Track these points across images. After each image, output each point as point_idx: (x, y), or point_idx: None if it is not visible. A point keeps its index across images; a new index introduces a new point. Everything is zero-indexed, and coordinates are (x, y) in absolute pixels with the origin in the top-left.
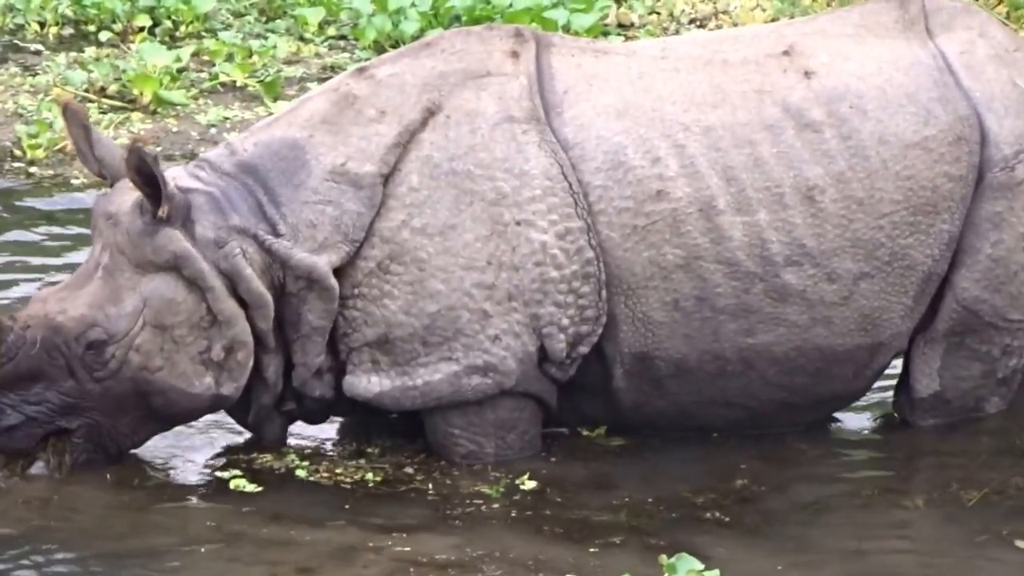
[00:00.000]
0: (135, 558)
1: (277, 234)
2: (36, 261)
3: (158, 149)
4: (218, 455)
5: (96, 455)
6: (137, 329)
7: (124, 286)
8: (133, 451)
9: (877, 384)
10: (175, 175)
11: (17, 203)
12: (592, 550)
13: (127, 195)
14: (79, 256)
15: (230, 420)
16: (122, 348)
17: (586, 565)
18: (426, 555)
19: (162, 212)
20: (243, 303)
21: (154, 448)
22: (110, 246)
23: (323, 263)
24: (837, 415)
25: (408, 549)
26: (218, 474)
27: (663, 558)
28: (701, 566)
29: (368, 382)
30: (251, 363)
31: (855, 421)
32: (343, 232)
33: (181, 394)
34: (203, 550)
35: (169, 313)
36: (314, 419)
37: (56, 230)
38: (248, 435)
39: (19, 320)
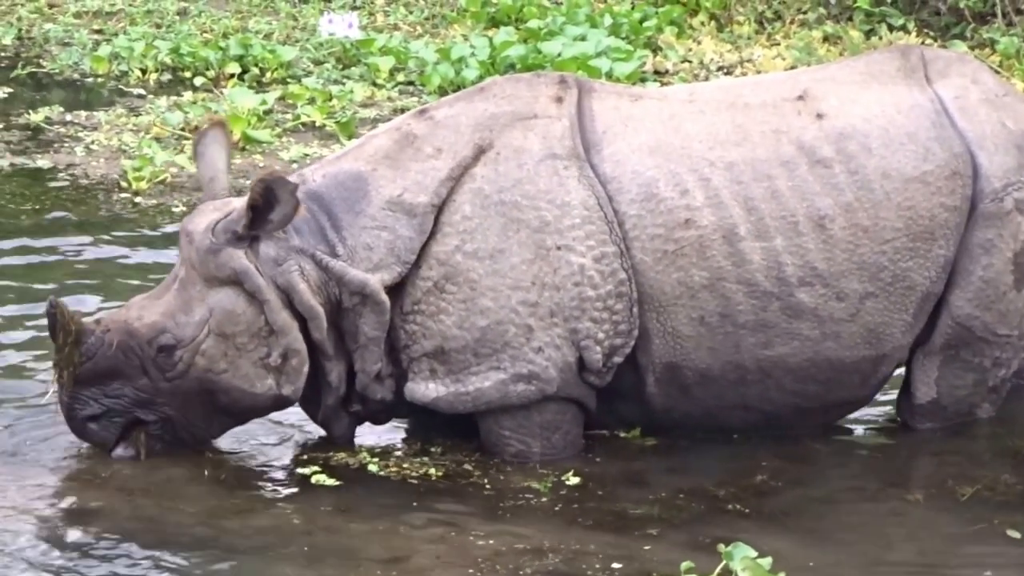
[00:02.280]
0: (229, 546)
1: (335, 255)
2: (138, 279)
3: (247, 183)
4: (299, 453)
5: (175, 445)
6: (203, 336)
7: (195, 297)
8: (226, 451)
9: (881, 391)
10: None
11: (124, 229)
12: (631, 538)
13: (204, 217)
14: None
15: (308, 422)
16: (189, 352)
17: (626, 552)
18: (486, 542)
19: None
20: (300, 316)
21: (242, 446)
22: (186, 261)
23: (375, 280)
24: (845, 418)
25: (469, 538)
26: (299, 470)
27: (722, 546)
28: (755, 553)
29: (426, 388)
30: (306, 368)
31: (862, 424)
32: (396, 255)
33: (244, 393)
34: (290, 540)
35: (230, 323)
36: (379, 419)
37: (157, 253)
38: (324, 434)
39: (101, 324)
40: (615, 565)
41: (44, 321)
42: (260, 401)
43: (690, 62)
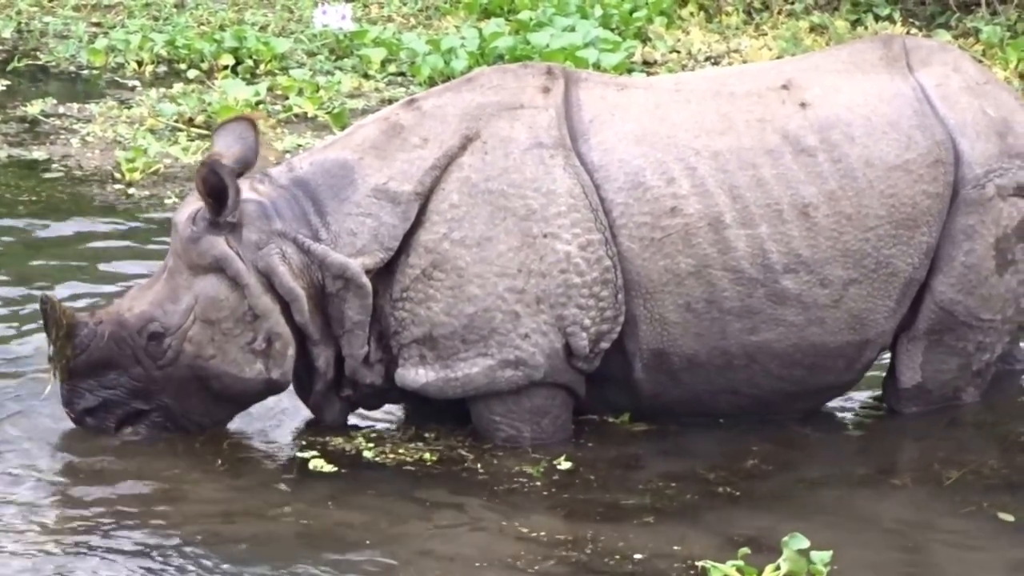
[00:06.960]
0: (228, 534)
1: (318, 239)
2: (132, 270)
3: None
4: (295, 439)
5: (175, 432)
6: (189, 323)
7: (181, 285)
8: (225, 437)
9: (867, 375)
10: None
11: (118, 219)
12: (623, 521)
13: (188, 206)
14: None
15: (304, 409)
16: (177, 339)
17: (622, 535)
18: (490, 536)
19: (226, 217)
20: (283, 299)
21: (241, 432)
22: (174, 251)
23: (356, 263)
24: (833, 403)
25: (478, 534)
26: (298, 455)
27: (786, 539)
28: (807, 544)
29: (416, 374)
30: (291, 352)
31: (849, 408)
32: (379, 241)
33: (234, 379)
34: (290, 529)
35: (215, 309)
36: (370, 405)
37: (149, 242)
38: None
39: (95, 316)
40: (638, 556)
41: (39, 309)
42: (251, 386)
43: (678, 52)
